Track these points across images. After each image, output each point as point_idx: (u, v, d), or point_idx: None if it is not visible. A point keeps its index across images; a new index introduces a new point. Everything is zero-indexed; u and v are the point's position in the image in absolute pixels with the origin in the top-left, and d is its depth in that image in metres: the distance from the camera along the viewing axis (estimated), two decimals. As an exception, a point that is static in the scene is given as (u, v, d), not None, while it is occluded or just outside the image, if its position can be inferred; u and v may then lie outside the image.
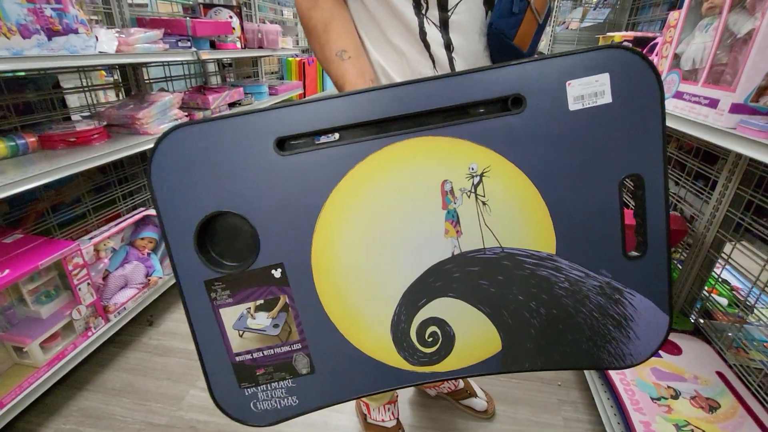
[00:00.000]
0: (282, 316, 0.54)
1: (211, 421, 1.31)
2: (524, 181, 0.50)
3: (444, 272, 0.54)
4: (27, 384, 1.25)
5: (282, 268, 0.51)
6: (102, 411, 1.37)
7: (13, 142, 1.39)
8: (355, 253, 0.52)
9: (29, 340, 1.25)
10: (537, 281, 0.54)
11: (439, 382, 1.28)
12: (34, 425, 1.32)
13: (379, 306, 0.54)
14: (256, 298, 0.52)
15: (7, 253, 1.28)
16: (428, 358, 0.56)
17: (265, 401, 0.57)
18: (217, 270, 0.50)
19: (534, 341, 0.56)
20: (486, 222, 0.52)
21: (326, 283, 0.53)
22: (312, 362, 0.56)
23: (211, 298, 0.51)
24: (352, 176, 0.49)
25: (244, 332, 0.54)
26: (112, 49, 1.45)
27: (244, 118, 0.46)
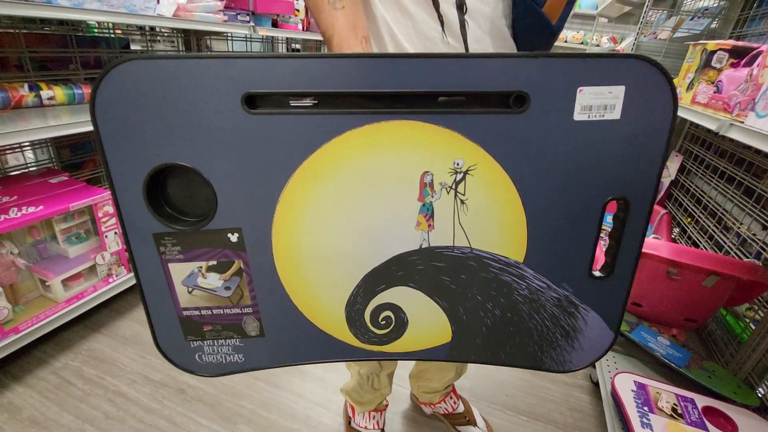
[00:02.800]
0: (235, 279, 0.53)
1: (200, 387, 1.34)
2: (508, 186, 0.47)
3: (408, 263, 0.52)
4: (44, 316, 1.34)
5: (239, 234, 0.50)
6: (107, 355, 1.44)
7: (71, 90, 1.50)
8: (320, 231, 0.50)
9: (52, 275, 1.34)
10: (498, 285, 0.53)
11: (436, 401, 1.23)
12: (47, 355, 1.41)
13: (336, 285, 0.53)
14: (209, 258, 0.51)
15: (47, 192, 1.38)
16: (378, 338, 0.57)
17: (211, 355, 0.58)
18: (168, 225, 0.49)
19: (483, 338, 0.57)
20: (460, 220, 0.49)
21: (285, 255, 0.51)
22: (262, 327, 0.56)
23: (160, 252, 0.50)
24: (326, 150, 0.46)
25: (194, 290, 0.53)
26: (170, 13, 1.52)
27: (211, 61, 0.42)
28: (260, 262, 0.51)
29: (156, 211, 0.48)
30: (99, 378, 1.35)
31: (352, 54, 0.43)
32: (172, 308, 0.54)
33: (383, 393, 1.15)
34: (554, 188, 0.47)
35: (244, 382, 1.37)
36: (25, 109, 1.41)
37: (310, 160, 0.46)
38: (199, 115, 0.43)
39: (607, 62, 0.42)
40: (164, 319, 0.55)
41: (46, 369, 1.37)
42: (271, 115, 0.44)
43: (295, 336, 0.56)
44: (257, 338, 0.57)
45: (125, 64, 0.41)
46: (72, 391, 1.30)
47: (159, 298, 0.53)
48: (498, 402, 1.39)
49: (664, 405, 1.07)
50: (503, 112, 0.44)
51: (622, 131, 0.44)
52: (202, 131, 0.44)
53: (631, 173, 0.46)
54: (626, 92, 0.42)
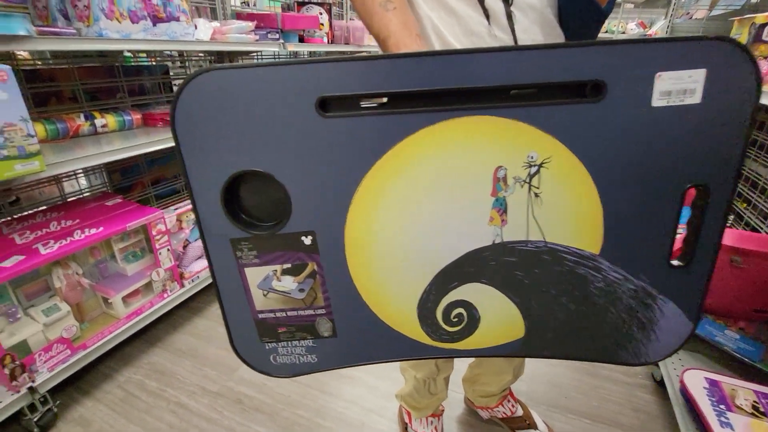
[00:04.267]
0: (308, 281, 0.54)
1: (256, 397, 1.36)
2: (585, 177, 0.46)
3: (480, 259, 0.51)
4: (108, 332, 1.40)
5: (313, 237, 0.51)
6: (167, 368, 1.49)
7: (121, 117, 1.58)
8: (392, 231, 0.50)
9: (114, 293, 1.40)
10: (573, 279, 0.51)
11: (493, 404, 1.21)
12: (112, 370, 1.48)
13: (408, 284, 0.53)
14: (283, 262, 0.53)
15: (105, 214, 1.45)
16: (450, 336, 0.56)
17: (285, 356, 0.59)
18: (245, 230, 0.50)
19: (556, 332, 0.55)
20: (534, 214, 0.48)
21: (357, 256, 0.52)
22: (335, 327, 0.57)
23: (237, 256, 0.52)
24: (398, 150, 0.46)
25: (269, 293, 0.54)
26: (207, 37, 1.59)
27: (285, 68, 0.42)
28: (333, 264, 0.52)
29: (233, 218, 0.49)
30: (161, 390, 1.39)
31: (422, 52, 0.43)
32: (247, 311, 0.55)
33: (440, 397, 1.13)
34: (632, 177, 0.45)
35: (299, 391, 1.39)
36: (81, 137, 1.49)
37: (383, 161, 0.47)
38: (275, 121, 0.45)
39: (687, 45, 0.40)
40: (240, 322, 0.56)
41: (112, 383, 1.43)
42: (343, 117, 0.45)
43: (367, 335, 0.57)
44: (330, 338, 0.57)
45: (203, 76, 0.43)
46: (137, 403, 1.35)
47: (235, 301, 0.55)
48: (557, 405, 1.35)
49: (742, 403, 1.01)
50: (579, 102, 0.43)
51: (702, 116, 0.42)
52: (278, 137, 0.45)
53: (712, 158, 0.44)
54: (707, 75, 0.40)
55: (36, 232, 1.30)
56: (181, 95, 0.44)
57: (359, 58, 0.43)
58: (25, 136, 1.04)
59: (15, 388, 1.15)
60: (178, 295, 1.64)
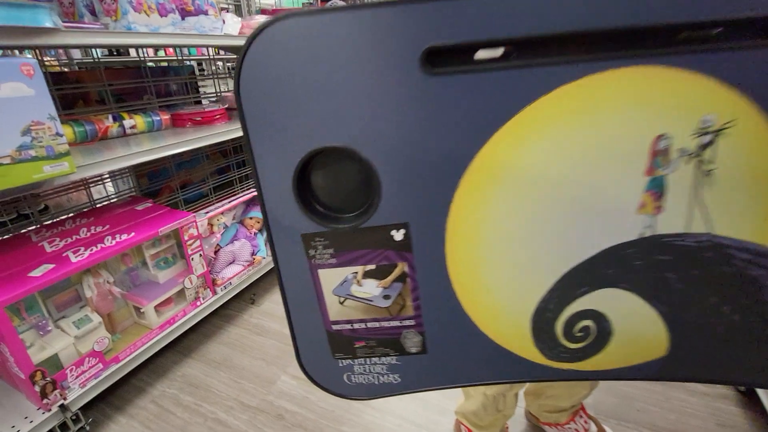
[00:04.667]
0: (396, 286, 0.44)
1: (299, 413, 1.27)
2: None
3: (622, 258, 0.40)
4: (141, 343, 1.33)
5: (406, 230, 0.40)
6: (201, 381, 1.41)
7: (150, 118, 1.51)
8: (510, 222, 0.39)
9: (146, 302, 1.33)
10: (742, 282, 0.39)
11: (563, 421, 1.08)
12: (145, 383, 1.40)
13: (524, 289, 0.42)
14: (367, 262, 0.43)
15: (136, 219, 1.38)
16: (570, 354, 0.45)
17: (361, 375, 0.49)
18: (320, 223, 0.40)
19: (710, 350, 0.43)
20: (701, 199, 0.37)
21: (461, 254, 0.41)
22: (425, 342, 0.46)
23: (309, 256, 0.42)
24: (527, 115, 0.35)
25: (346, 299, 0.45)
26: (236, 32, 1.51)
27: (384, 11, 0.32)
28: (429, 264, 0.42)
29: (307, 208, 0.40)
30: (197, 405, 1.31)
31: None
32: (320, 322, 0.46)
33: (507, 415, 1.01)
34: None
35: (343, 405, 1.29)
36: (110, 139, 1.43)
37: (505, 130, 0.36)
38: (365, 80, 0.35)
39: None
40: (310, 335, 0.47)
41: (145, 398, 1.35)
42: (456, 74, 0.34)
43: (466, 352, 0.46)
44: (418, 355, 0.47)
45: (276, 25, 0.33)
46: (172, 420, 1.27)
47: (305, 310, 0.45)
48: (630, 419, 1.21)
49: None
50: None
51: None
52: (367, 101, 0.35)
53: None
54: None
55: (66, 239, 1.24)
56: (248, 52, 0.34)
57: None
58: (54, 135, 0.97)
59: (46, 407, 1.08)
60: (210, 303, 1.56)
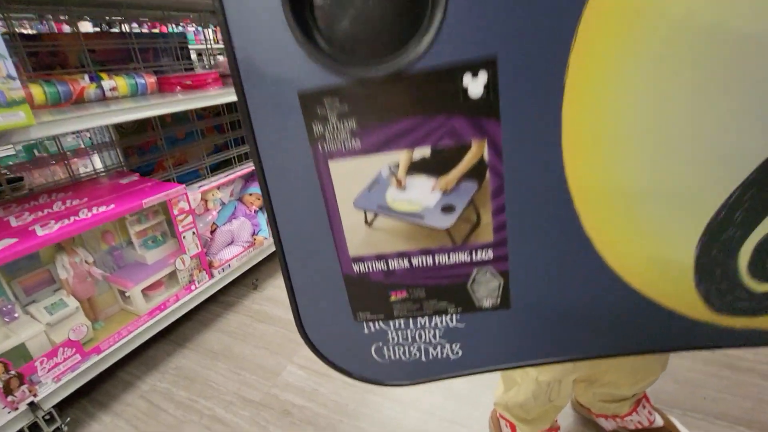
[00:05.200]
0: (466, 189, 0.25)
1: (308, 407, 1.10)
2: None
3: None
4: (127, 331, 1.16)
5: (491, 74, 0.22)
6: (197, 373, 1.24)
7: (133, 80, 1.34)
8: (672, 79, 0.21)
9: (132, 284, 1.17)
10: None
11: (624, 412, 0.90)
12: (134, 377, 1.25)
13: (691, 184, 0.24)
14: (418, 142, 0.24)
15: (118, 191, 1.21)
16: (755, 302, 0.27)
17: (400, 346, 0.31)
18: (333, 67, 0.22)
19: None
20: None
21: (587, 121, 0.23)
22: (507, 288, 0.28)
23: (314, 135, 0.24)
24: None
25: (378, 216, 0.26)
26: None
27: None
28: (531, 144, 0.24)
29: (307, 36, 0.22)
30: (191, 401, 1.15)
31: None
32: (333, 258, 0.28)
33: (558, 405, 0.83)
34: None
35: (358, 398, 1.11)
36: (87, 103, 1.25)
37: None
38: None
39: None
40: (318, 283, 0.29)
41: (134, 393, 1.19)
42: None
43: (577, 304, 0.28)
44: (494, 312, 0.29)
45: None
46: (164, 418, 1.10)
47: (308, 239, 0.27)
48: (697, 409, 1.03)
49: None
50: None
51: None
52: None
53: None
54: None
55: (36, 213, 1.07)
56: None
57: None
58: (4, 78, 0.80)
59: (12, 405, 0.92)
60: (207, 287, 1.40)
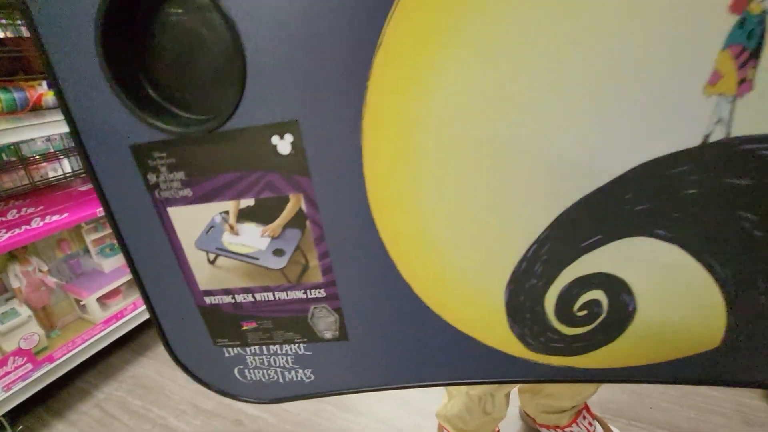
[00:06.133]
0: (292, 235, 0.27)
1: (260, 417, 1.11)
2: None
3: (666, 182, 0.23)
4: (81, 340, 1.16)
5: (295, 135, 0.24)
6: (154, 382, 1.25)
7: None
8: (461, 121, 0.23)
9: (87, 294, 1.17)
10: None
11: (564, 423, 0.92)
12: (90, 386, 1.24)
13: (493, 238, 0.26)
14: (240, 194, 0.26)
15: (75, 199, 1.21)
16: (566, 343, 0.29)
17: (258, 369, 0.34)
18: (159, 125, 0.24)
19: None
20: None
21: (390, 180, 0.25)
22: (344, 323, 0.31)
23: (150, 183, 0.26)
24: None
25: (218, 256, 0.29)
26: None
27: None
28: (340, 199, 0.26)
29: (130, 95, 0.24)
30: (145, 410, 1.15)
31: None
32: (185, 291, 0.30)
33: (496, 417, 0.86)
34: None
35: (311, 408, 1.13)
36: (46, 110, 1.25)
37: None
38: None
39: None
40: (178, 311, 0.32)
41: (89, 401, 1.19)
42: None
43: (405, 339, 0.31)
44: (336, 343, 0.32)
45: None
46: (116, 427, 1.10)
47: (163, 274, 0.30)
48: (642, 418, 1.06)
49: None
50: None
51: None
52: None
53: None
54: None
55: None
56: None
57: None
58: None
59: (-46, 415, 0.92)
60: (169, 295, 1.40)
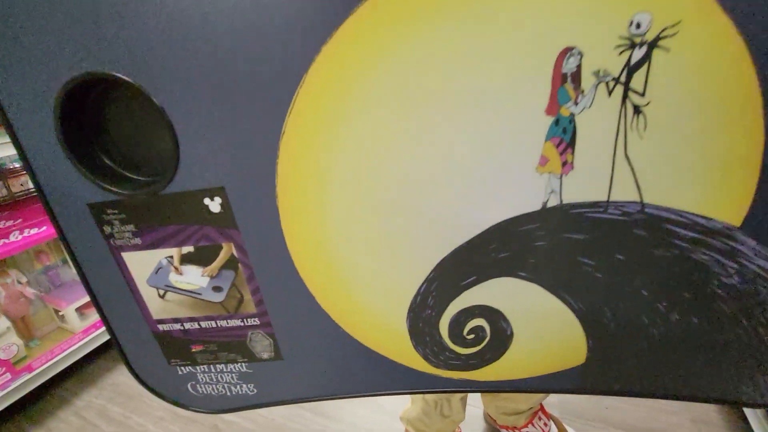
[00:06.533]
0: (227, 275, 0.33)
1: (236, 422, 1.15)
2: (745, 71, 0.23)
3: (519, 237, 0.29)
4: (60, 349, 1.19)
5: (223, 198, 0.29)
6: (133, 390, 1.28)
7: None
8: (360, 187, 0.29)
9: (65, 304, 1.20)
10: (684, 271, 0.29)
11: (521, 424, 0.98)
12: (70, 393, 1.27)
13: (392, 279, 0.32)
14: (181, 243, 0.32)
15: (54, 211, 1.24)
16: (462, 361, 0.36)
17: (208, 385, 0.40)
18: (110, 189, 0.29)
19: (641, 358, 0.33)
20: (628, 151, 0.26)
21: (304, 232, 0.31)
22: (277, 346, 0.37)
23: (105, 233, 0.31)
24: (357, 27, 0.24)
25: (167, 291, 0.34)
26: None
27: None
28: (263, 246, 0.31)
29: (84, 164, 0.28)
30: (125, 417, 1.19)
31: None
32: (141, 320, 0.36)
33: (455, 420, 0.91)
34: None
35: (286, 413, 1.17)
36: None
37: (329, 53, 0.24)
38: None
39: None
40: (136, 337, 0.37)
41: (69, 409, 1.22)
42: None
43: (329, 359, 0.37)
44: (272, 362, 0.38)
45: None
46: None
47: (121, 306, 0.35)
48: (598, 418, 1.12)
49: None
50: None
51: None
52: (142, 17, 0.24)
53: None
54: None
55: (-33, 235, 1.09)
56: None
57: None
58: None
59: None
60: (148, 303, 1.43)
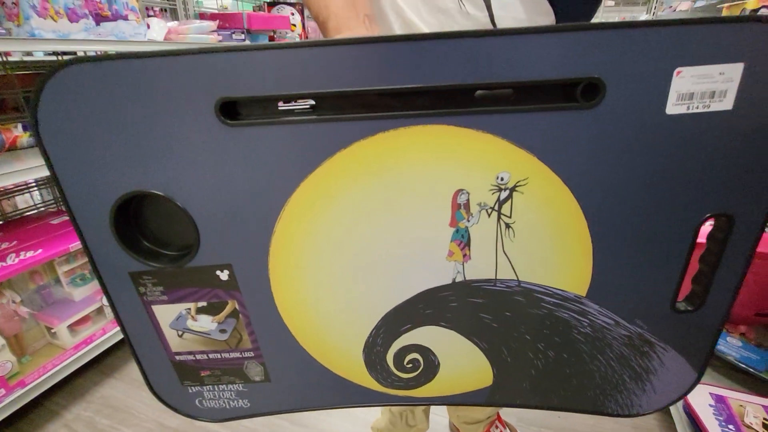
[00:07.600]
0: (230, 321, 0.44)
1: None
2: (570, 204, 0.36)
3: (438, 300, 0.42)
4: (52, 365, 1.26)
5: (230, 271, 0.41)
6: (122, 402, 1.35)
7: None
8: (328, 264, 0.40)
9: (58, 322, 1.27)
10: (552, 323, 0.42)
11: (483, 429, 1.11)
12: (59, 406, 1.34)
13: (351, 326, 0.44)
14: (197, 299, 0.43)
15: (47, 234, 1.31)
16: (404, 383, 0.48)
17: (212, 400, 0.51)
18: (145, 262, 0.40)
19: (531, 381, 0.47)
20: (505, 248, 0.38)
21: (287, 294, 0.42)
22: (267, 371, 0.48)
23: (140, 293, 0.42)
24: (329, 168, 0.36)
25: (184, 333, 0.45)
26: (161, 38, 1.46)
27: (172, 60, 0.32)
28: (258, 303, 0.43)
29: (129, 247, 0.39)
30: (113, 429, 1.26)
31: (358, 39, 0.32)
32: (162, 353, 0.47)
33: (420, 429, 1.03)
34: (634, 205, 0.35)
35: (266, 423, 1.27)
36: (20, 150, 1.35)
37: (310, 181, 0.36)
38: (166, 129, 0.34)
39: (718, 30, 0.29)
40: (156, 365, 0.48)
41: (58, 422, 1.29)
42: (255, 126, 0.34)
43: (306, 381, 0.48)
44: (263, 383, 0.49)
45: (69, 69, 0.32)
46: (84, 445, 1.21)
47: (147, 342, 0.46)
48: (551, 426, 1.26)
49: (752, 421, 0.92)
50: (567, 108, 0.32)
51: (733, 126, 0.32)
52: (172, 150, 0.35)
53: (742, 183, 0.34)
54: (745, 72, 0.30)
55: (-34, 257, 1.16)
56: (43, 93, 0.33)
57: (273, 46, 0.32)
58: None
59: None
60: (135, 319, 1.51)
